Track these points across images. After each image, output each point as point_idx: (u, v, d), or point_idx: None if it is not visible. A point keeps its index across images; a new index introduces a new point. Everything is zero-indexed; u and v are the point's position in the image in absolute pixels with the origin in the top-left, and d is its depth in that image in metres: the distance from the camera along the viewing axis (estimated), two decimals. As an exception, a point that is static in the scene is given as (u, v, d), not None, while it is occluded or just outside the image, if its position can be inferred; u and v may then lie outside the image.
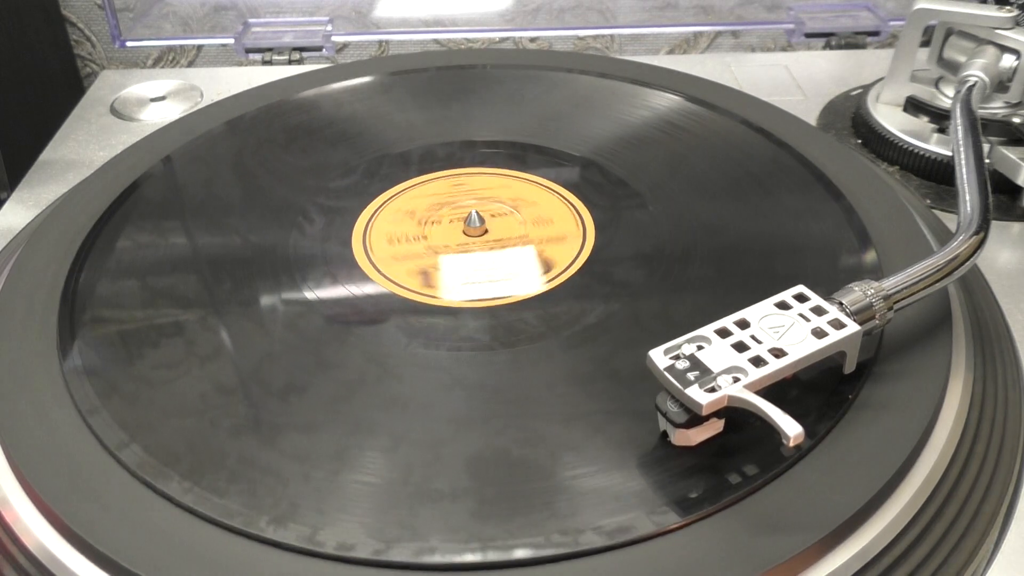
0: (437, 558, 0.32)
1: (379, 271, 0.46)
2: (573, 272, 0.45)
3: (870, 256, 0.45)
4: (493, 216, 0.50)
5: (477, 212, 0.49)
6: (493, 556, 0.32)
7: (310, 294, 0.44)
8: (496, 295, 0.44)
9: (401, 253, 0.47)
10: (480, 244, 0.48)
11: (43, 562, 0.34)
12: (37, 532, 0.34)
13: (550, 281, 0.45)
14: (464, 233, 0.49)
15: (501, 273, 0.46)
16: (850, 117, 0.64)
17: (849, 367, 0.37)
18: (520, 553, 0.32)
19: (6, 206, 0.58)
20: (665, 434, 0.35)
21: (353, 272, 0.46)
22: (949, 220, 0.52)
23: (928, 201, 0.56)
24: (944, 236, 0.49)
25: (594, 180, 0.52)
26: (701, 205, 0.50)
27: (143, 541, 0.33)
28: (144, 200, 0.51)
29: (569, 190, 0.51)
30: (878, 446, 0.35)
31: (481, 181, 0.53)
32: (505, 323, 0.42)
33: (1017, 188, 0.54)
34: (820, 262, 0.45)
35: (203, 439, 0.36)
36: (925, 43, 0.60)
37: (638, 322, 0.42)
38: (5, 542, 0.35)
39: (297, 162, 0.55)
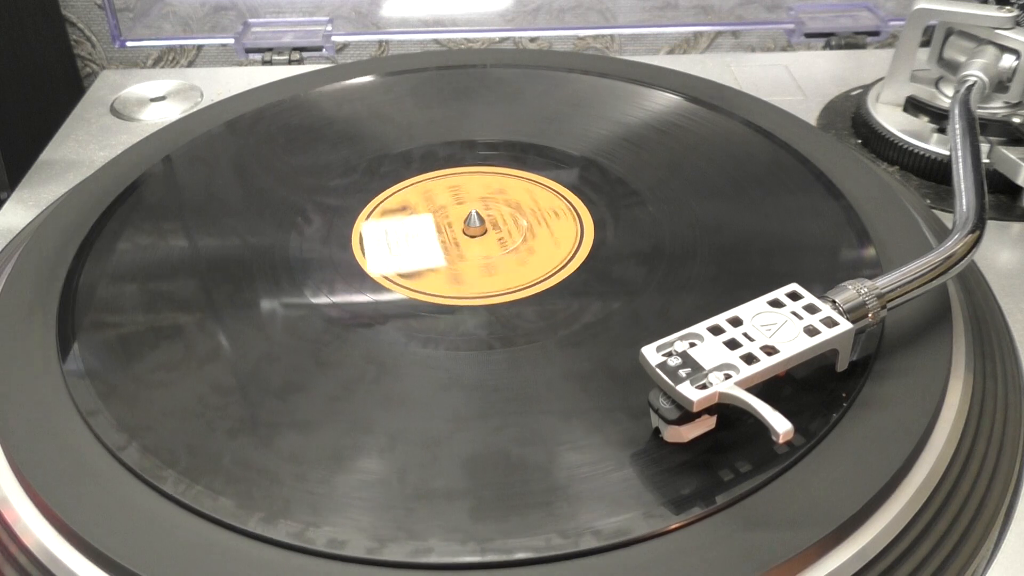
0: (434, 558, 0.32)
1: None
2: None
3: (870, 256, 0.45)
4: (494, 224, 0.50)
5: (477, 212, 0.49)
6: (490, 556, 0.32)
7: (310, 294, 0.44)
8: (406, 269, 0.46)
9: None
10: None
11: (43, 562, 0.34)
12: (37, 532, 0.34)
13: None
14: (464, 233, 0.49)
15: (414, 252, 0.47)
16: (850, 117, 0.64)
17: (841, 365, 0.37)
18: (517, 554, 0.32)
19: (6, 206, 0.58)
20: (657, 431, 0.35)
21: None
22: (949, 220, 0.52)
23: (928, 201, 0.56)
24: (944, 236, 0.49)
25: (594, 180, 0.52)
26: (701, 205, 0.50)
27: (143, 541, 0.33)
28: (144, 200, 0.51)
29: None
30: (878, 445, 0.35)
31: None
32: (503, 322, 0.42)
33: (1017, 188, 0.54)
34: (820, 262, 0.45)
35: (202, 439, 0.36)
36: (925, 43, 0.60)
37: (637, 320, 0.42)
38: (5, 542, 0.35)
39: (297, 162, 0.55)
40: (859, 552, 0.33)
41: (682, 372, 0.34)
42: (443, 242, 0.48)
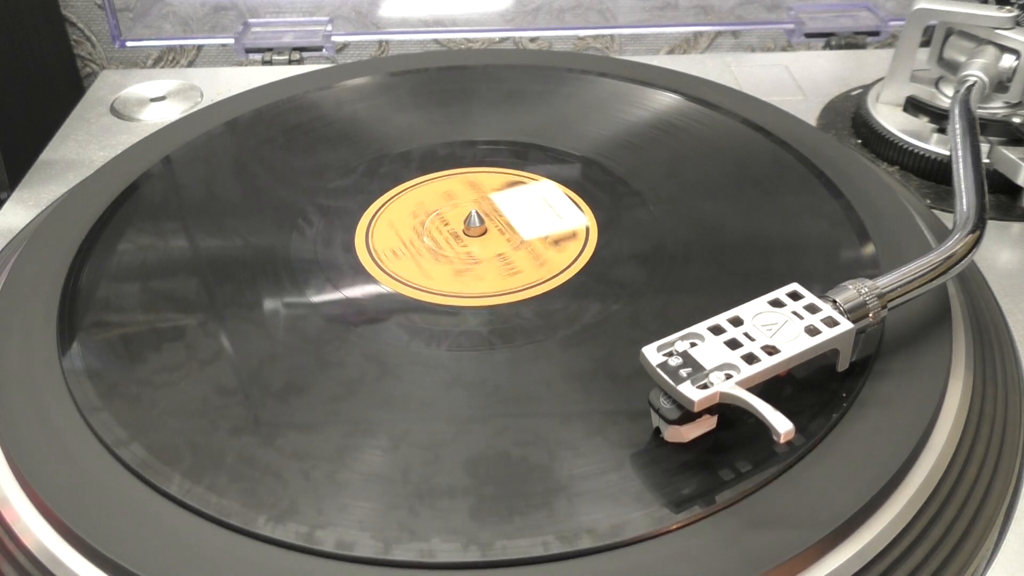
0: (435, 557, 0.32)
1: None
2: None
3: (870, 256, 0.45)
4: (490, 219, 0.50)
5: (477, 212, 0.49)
6: (492, 556, 0.32)
7: (311, 294, 0.44)
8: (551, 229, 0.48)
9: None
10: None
11: (43, 562, 0.34)
12: (37, 532, 0.34)
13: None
14: (464, 233, 0.49)
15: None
16: (850, 117, 0.64)
17: (842, 365, 0.37)
18: (518, 553, 0.32)
19: (6, 206, 0.58)
20: (658, 431, 0.35)
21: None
22: (949, 220, 0.52)
23: (928, 201, 0.56)
24: (944, 236, 0.49)
25: (595, 180, 0.52)
26: (702, 205, 0.50)
27: (143, 541, 0.33)
28: (144, 201, 0.51)
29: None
30: (878, 445, 0.35)
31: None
32: (505, 321, 0.42)
33: (1017, 188, 0.54)
34: (820, 262, 0.45)
35: (203, 439, 0.36)
36: (925, 43, 0.60)
37: (638, 321, 0.42)
38: (5, 542, 0.35)
39: (297, 162, 0.55)
40: (859, 552, 0.33)
41: (683, 372, 0.34)
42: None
